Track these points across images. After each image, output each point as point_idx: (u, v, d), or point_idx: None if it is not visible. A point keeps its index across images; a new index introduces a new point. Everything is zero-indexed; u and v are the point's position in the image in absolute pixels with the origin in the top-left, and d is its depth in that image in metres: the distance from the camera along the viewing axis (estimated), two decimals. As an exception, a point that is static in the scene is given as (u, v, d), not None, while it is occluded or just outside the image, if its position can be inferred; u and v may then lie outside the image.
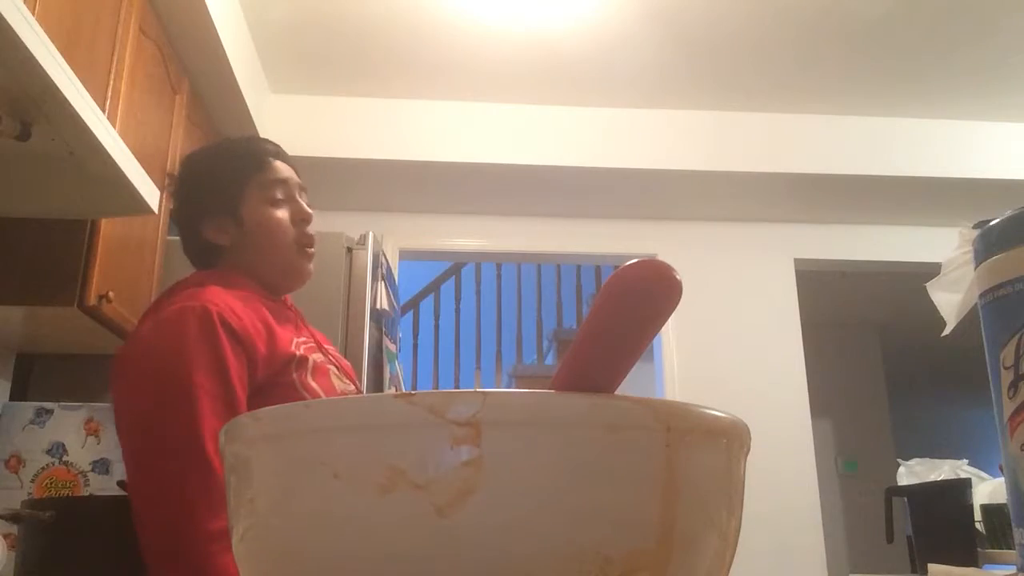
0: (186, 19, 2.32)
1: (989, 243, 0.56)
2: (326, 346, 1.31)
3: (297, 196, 1.30)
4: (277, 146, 1.34)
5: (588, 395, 0.34)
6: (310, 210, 1.30)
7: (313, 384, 1.14)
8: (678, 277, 0.34)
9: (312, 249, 1.29)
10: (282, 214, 1.26)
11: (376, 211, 3.64)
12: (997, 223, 0.56)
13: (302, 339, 1.21)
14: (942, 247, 1.75)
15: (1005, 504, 1.22)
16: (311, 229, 1.30)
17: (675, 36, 2.93)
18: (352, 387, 1.27)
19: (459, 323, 5.30)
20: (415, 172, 3.40)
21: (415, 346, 5.25)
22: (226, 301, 1.12)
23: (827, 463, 4.95)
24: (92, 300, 1.77)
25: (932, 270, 1.71)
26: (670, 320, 0.93)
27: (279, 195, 1.27)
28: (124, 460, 1.06)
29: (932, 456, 1.95)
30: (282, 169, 1.29)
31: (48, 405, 1.95)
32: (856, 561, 4.88)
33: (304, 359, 1.16)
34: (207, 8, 2.31)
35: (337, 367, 1.26)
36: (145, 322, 1.15)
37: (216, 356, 1.05)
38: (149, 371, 1.06)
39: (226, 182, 1.25)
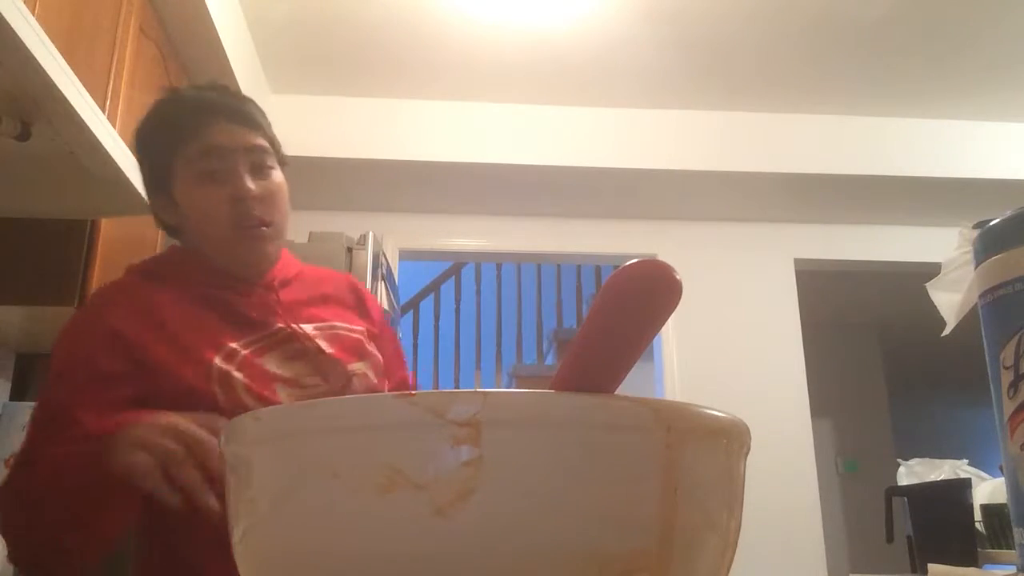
0: (186, 19, 2.32)
1: (989, 243, 0.56)
2: (328, 322, 1.10)
3: (239, 167, 1.03)
4: (225, 96, 1.08)
5: (588, 395, 0.34)
6: (251, 185, 1.03)
7: (248, 401, 0.96)
8: (678, 277, 0.34)
9: (263, 227, 1.04)
10: (213, 192, 1.02)
11: (376, 211, 3.64)
12: (997, 223, 0.56)
13: (255, 337, 1.02)
14: (942, 247, 1.75)
15: (1005, 504, 1.23)
16: (262, 207, 1.04)
17: (675, 36, 2.93)
18: (322, 383, 1.03)
19: (459, 323, 5.30)
20: (415, 172, 3.40)
21: (415, 346, 5.25)
22: (138, 300, 1.02)
23: (827, 463, 4.95)
24: (92, 300, 1.77)
25: (932, 270, 1.71)
26: (670, 320, 0.93)
27: (215, 167, 1.02)
28: None
29: (932, 456, 1.95)
30: (219, 133, 1.03)
31: (48, 405, 1.95)
32: (856, 561, 4.88)
33: (225, 374, 0.97)
34: (207, 8, 2.31)
35: (322, 349, 1.06)
36: None
37: (83, 365, 0.97)
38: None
39: (155, 156, 1.07)
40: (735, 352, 3.71)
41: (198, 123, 1.03)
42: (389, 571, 0.32)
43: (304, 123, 3.27)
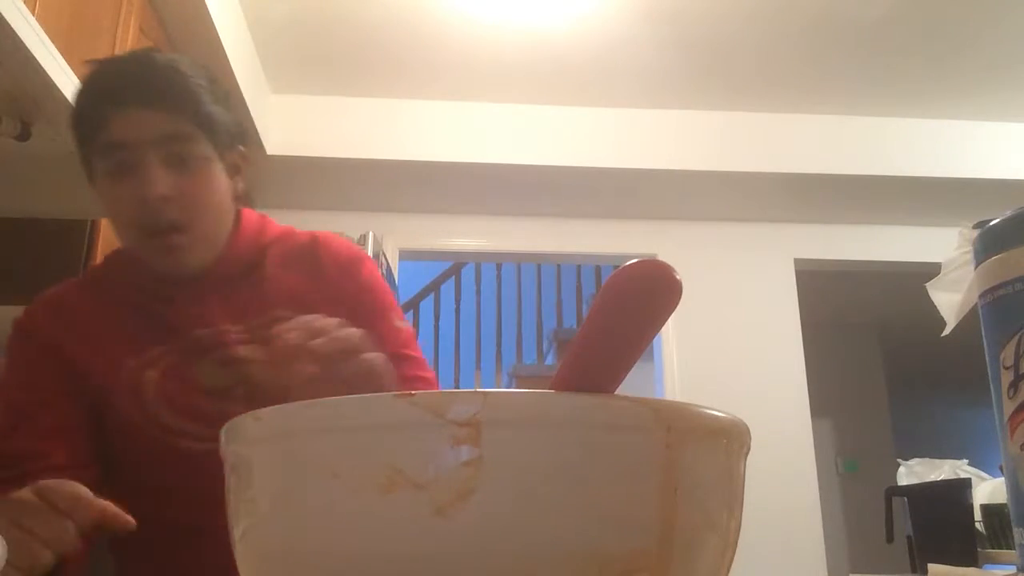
0: (186, 19, 2.32)
1: (989, 243, 0.56)
2: (282, 319, 0.90)
3: (150, 161, 0.87)
4: (143, 72, 0.90)
5: (588, 395, 0.34)
6: (160, 184, 0.87)
7: (165, 414, 0.90)
8: (678, 277, 0.34)
9: (175, 234, 0.89)
10: (121, 191, 0.89)
11: (376, 211, 3.64)
12: (997, 223, 0.56)
13: (181, 346, 0.94)
14: (942, 247, 1.75)
15: (1005, 504, 1.22)
16: (177, 209, 0.89)
17: (675, 36, 2.93)
18: (256, 396, 0.92)
19: (459, 323, 5.30)
20: (415, 172, 3.40)
21: (415, 346, 5.24)
22: (67, 306, 0.98)
23: (827, 463, 4.95)
24: (92, 300, 1.77)
25: (932, 270, 1.71)
26: (670, 320, 0.92)
27: (125, 161, 0.88)
28: None
29: (932, 456, 1.95)
30: (126, 123, 0.87)
31: (48, 405, 1.95)
32: (856, 561, 4.88)
33: (143, 383, 0.91)
34: (207, 8, 2.31)
35: (259, 358, 0.94)
36: None
37: (27, 366, 0.94)
38: None
39: (77, 148, 0.94)
40: (735, 352, 3.71)
41: (105, 111, 0.88)
42: (389, 571, 0.32)
43: (304, 123, 3.27)
